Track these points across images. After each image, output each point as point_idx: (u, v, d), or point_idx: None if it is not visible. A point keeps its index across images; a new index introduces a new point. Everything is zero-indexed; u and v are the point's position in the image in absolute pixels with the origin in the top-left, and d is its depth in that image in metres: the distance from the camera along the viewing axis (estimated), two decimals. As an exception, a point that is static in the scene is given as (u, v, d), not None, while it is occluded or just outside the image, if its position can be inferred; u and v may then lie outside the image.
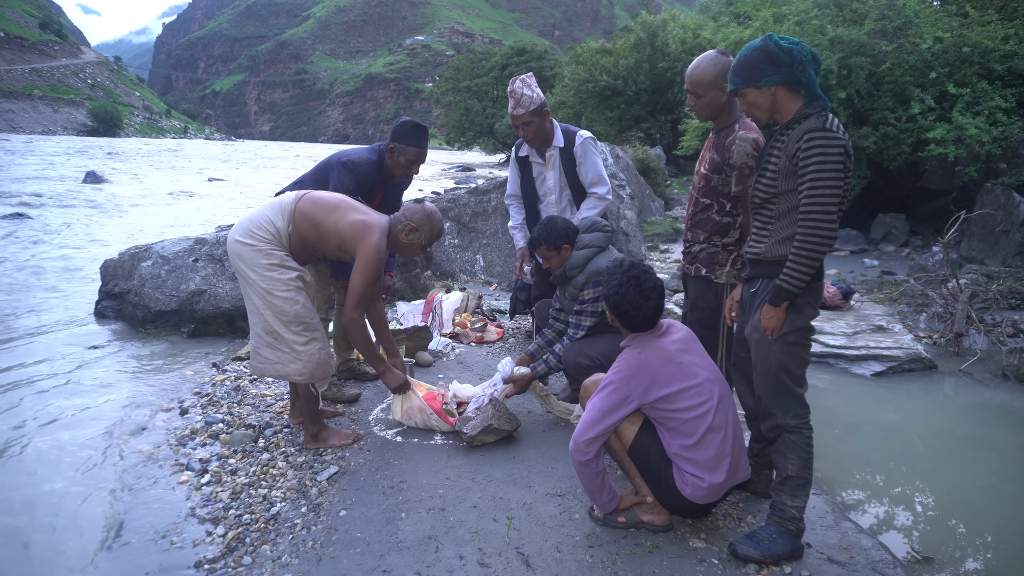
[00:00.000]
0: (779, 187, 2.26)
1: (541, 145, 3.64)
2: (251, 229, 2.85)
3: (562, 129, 3.66)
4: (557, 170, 3.68)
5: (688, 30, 21.96)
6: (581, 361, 3.24)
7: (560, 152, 3.63)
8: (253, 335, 2.95)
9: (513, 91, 3.50)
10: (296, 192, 3.02)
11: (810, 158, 2.12)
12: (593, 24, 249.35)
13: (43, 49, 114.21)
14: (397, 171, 3.53)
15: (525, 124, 3.51)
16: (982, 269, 7.28)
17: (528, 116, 3.48)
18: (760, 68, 2.22)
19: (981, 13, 9.81)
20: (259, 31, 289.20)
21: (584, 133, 3.64)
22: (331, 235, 2.88)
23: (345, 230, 2.86)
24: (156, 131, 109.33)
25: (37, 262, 7.87)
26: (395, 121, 3.56)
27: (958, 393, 4.61)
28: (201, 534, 2.46)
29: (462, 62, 49.61)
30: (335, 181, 3.39)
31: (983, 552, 2.78)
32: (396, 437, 3.27)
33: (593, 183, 3.67)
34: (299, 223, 2.88)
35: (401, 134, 3.46)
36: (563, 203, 3.76)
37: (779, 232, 2.29)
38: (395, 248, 3.09)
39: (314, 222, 2.88)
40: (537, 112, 3.48)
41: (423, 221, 3.03)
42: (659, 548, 2.36)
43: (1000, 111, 8.44)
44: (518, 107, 3.47)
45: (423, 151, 3.52)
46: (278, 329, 2.85)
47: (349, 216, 2.89)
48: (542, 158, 3.66)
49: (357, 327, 2.93)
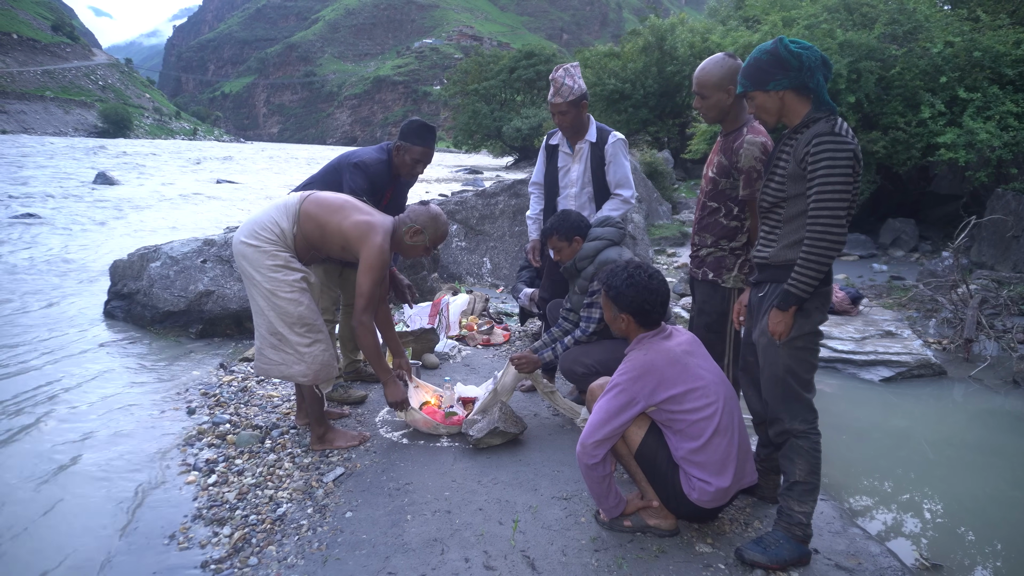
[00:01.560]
0: (788, 191, 2.25)
1: (573, 136, 3.63)
2: (256, 230, 2.85)
3: (597, 126, 3.65)
4: (583, 164, 3.65)
5: (697, 34, 21.97)
6: (576, 368, 3.24)
7: (591, 147, 3.61)
8: (257, 336, 2.95)
9: (555, 79, 3.49)
10: (301, 193, 3.03)
11: (819, 162, 2.11)
12: (601, 27, 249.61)
13: (55, 51, 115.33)
14: (403, 169, 3.56)
15: (562, 113, 3.50)
16: (992, 275, 7.22)
17: (565, 106, 3.47)
18: (769, 72, 2.22)
19: (992, 17, 9.75)
20: (268, 34, 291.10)
21: (618, 134, 3.63)
22: (335, 236, 2.89)
23: (349, 231, 2.86)
24: (166, 133, 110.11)
25: (47, 262, 7.93)
26: (404, 121, 3.58)
27: (967, 399, 4.58)
28: (208, 534, 2.47)
29: (470, 65, 49.78)
30: (348, 183, 3.40)
31: (992, 560, 2.75)
32: (402, 439, 3.27)
33: (620, 184, 3.65)
34: (303, 224, 2.89)
35: (408, 133, 3.48)
36: (583, 199, 3.72)
37: (788, 236, 2.29)
38: (399, 249, 3.09)
39: (318, 223, 2.89)
40: (575, 103, 3.46)
41: (428, 223, 3.04)
42: (665, 552, 2.35)
43: (1011, 116, 8.38)
44: (556, 95, 3.47)
45: (429, 151, 3.54)
46: (282, 330, 2.86)
47: (353, 217, 2.89)
48: (571, 149, 3.65)
49: (367, 330, 2.92)
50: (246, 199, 17.55)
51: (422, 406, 3.42)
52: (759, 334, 2.36)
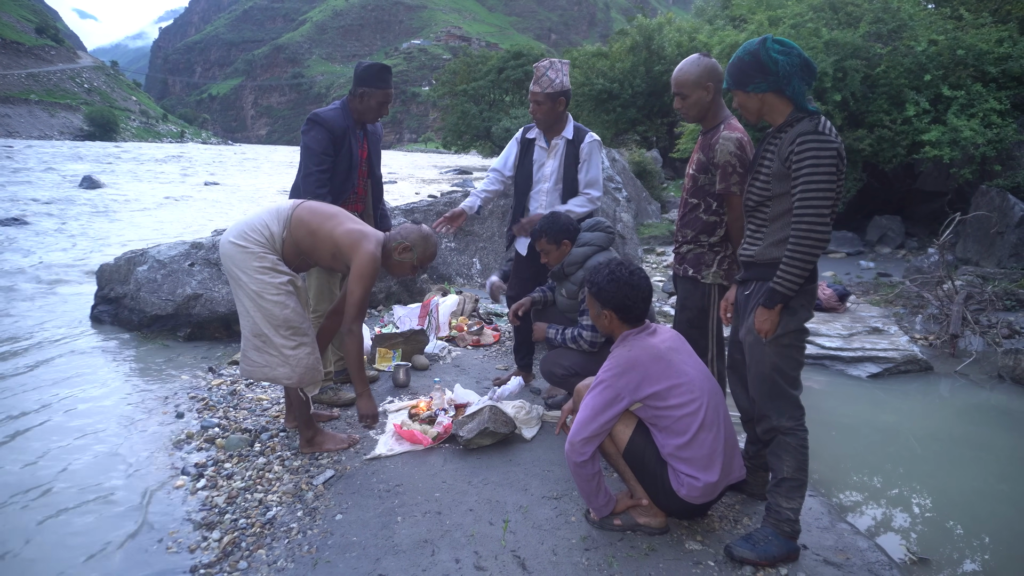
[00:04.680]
0: (773, 190, 2.27)
1: (549, 131, 3.63)
2: (245, 232, 2.84)
3: (574, 125, 3.66)
4: (558, 160, 3.65)
5: (684, 33, 22.03)
6: (556, 370, 3.25)
7: (567, 144, 3.61)
8: (243, 338, 2.94)
9: (538, 67, 3.50)
10: (295, 200, 3.03)
11: (803, 161, 2.13)
12: (589, 27, 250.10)
13: (39, 54, 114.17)
14: (368, 114, 3.57)
15: (537, 103, 3.51)
16: (977, 271, 7.30)
17: (542, 96, 3.47)
18: (749, 74, 2.25)
19: (975, 16, 9.87)
20: (256, 35, 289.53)
21: (594, 135, 3.65)
22: (326, 243, 2.88)
23: (341, 238, 2.86)
24: (153, 136, 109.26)
25: (33, 267, 7.85)
26: (359, 66, 3.58)
27: (954, 394, 4.62)
28: (197, 539, 2.45)
29: (459, 66, 49.74)
30: (308, 144, 3.42)
31: (980, 553, 2.78)
32: (392, 441, 3.26)
33: (590, 184, 3.65)
34: (295, 230, 2.88)
35: (368, 78, 3.50)
36: (554, 196, 3.70)
37: (773, 235, 2.31)
38: (386, 265, 3.06)
39: (310, 229, 2.88)
40: (552, 97, 3.47)
41: (418, 241, 3.03)
42: (655, 550, 2.36)
43: (995, 113, 8.48)
44: (536, 84, 3.49)
45: (390, 92, 3.60)
46: (267, 332, 2.84)
47: (346, 225, 2.89)
48: (547, 144, 3.66)
49: (355, 339, 2.91)
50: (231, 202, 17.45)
51: (411, 413, 3.43)
52: (746, 332, 2.38)
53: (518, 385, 3.85)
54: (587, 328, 3.15)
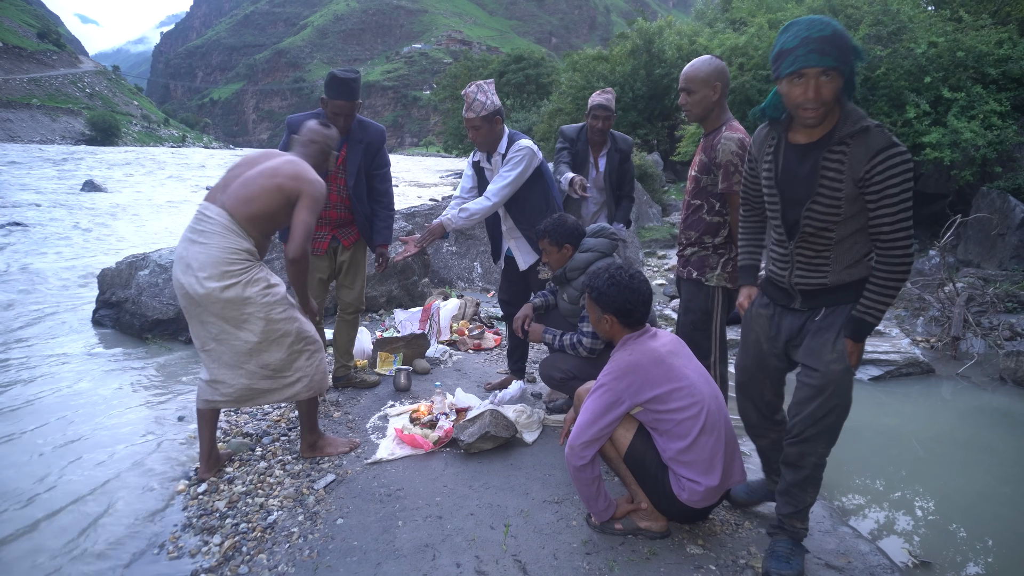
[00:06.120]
0: (844, 213, 2.04)
1: (489, 151, 3.63)
2: (224, 269, 2.61)
3: (508, 135, 3.62)
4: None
5: (684, 36, 22.03)
6: (554, 374, 3.25)
7: (502, 159, 3.61)
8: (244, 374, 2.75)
9: (467, 94, 3.50)
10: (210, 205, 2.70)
11: (892, 180, 1.92)
12: (590, 31, 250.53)
13: (41, 59, 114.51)
14: (334, 122, 3.50)
15: (475, 128, 3.50)
16: (979, 273, 7.29)
17: (478, 121, 3.46)
18: (852, 48, 1.93)
19: (975, 18, 9.87)
20: (257, 40, 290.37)
21: (523, 143, 3.53)
22: (272, 193, 2.68)
23: (281, 167, 2.72)
24: (154, 140, 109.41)
25: (35, 271, 7.86)
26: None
27: (955, 397, 4.62)
28: (197, 543, 2.45)
29: (459, 69, 49.92)
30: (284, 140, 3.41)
31: (982, 556, 2.78)
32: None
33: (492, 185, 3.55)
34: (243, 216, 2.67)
35: (325, 85, 3.50)
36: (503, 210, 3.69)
37: (844, 258, 2.12)
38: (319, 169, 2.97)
39: (249, 195, 2.67)
40: (488, 119, 3.46)
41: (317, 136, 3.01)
42: (656, 555, 2.36)
43: (995, 115, 8.48)
44: (469, 110, 3.48)
45: (341, 103, 3.48)
46: (280, 357, 2.76)
47: (270, 161, 2.77)
48: (490, 163, 3.67)
49: (305, 264, 2.73)
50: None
51: (412, 418, 3.43)
52: (834, 359, 2.13)
53: (519, 389, 3.85)
54: (587, 335, 3.12)
